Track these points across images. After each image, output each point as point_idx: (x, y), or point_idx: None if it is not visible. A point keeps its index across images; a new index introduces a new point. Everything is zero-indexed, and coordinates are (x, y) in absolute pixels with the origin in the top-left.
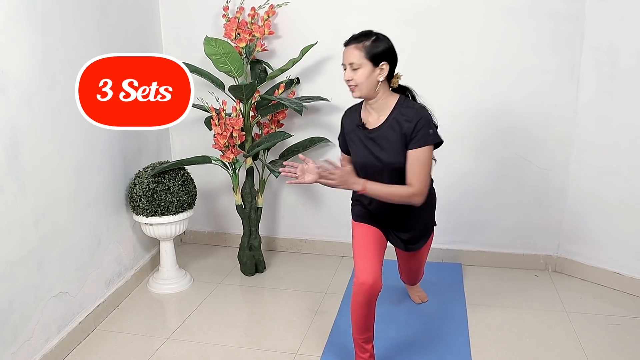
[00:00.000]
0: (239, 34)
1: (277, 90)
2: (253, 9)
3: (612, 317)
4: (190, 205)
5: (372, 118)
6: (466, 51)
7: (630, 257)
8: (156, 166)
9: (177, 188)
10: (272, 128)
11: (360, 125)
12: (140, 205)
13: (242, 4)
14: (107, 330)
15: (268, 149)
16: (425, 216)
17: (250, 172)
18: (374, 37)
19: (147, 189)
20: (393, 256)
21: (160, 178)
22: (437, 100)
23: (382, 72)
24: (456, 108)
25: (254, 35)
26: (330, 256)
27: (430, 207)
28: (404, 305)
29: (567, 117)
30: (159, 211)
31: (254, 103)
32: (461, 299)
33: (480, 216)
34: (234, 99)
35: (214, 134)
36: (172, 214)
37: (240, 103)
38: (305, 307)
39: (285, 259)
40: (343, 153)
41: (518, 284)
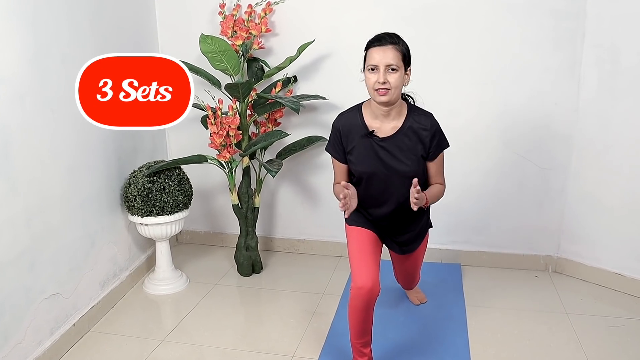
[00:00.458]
0: (235, 31)
1: (274, 89)
2: (250, 6)
3: (613, 318)
4: (186, 205)
5: (385, 125)
6: (466, 49)
7: (632, 257)
8: (151, 165)
9: (172, 188)
10: (269, 127)
11: (368, 134)
12: (136, 205)
13: (239, 1)
14: (102, 332)
15: (265, 148)
16: (423, 218)
17: (247, 172)
18: (404, 41)
19: (143, 188)
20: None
21: (155, 177)
22: (437, 98)
23: (407, 77)
24: (456, 107)
25: (250, 33)
26: (328, 256)
27: (428, 209)
28: (403, 306)
29: (568, 115)
30: (155, 211)
31: (250, 101)
32: (460, 300)
33: (480, 216)
34: (231, 97)
35: (210, 133)
36: (168, 214)
37: (237, 101)
38: (303, 309)
39: (283, 259)
40: (337, 162)
41: (518, 285)
